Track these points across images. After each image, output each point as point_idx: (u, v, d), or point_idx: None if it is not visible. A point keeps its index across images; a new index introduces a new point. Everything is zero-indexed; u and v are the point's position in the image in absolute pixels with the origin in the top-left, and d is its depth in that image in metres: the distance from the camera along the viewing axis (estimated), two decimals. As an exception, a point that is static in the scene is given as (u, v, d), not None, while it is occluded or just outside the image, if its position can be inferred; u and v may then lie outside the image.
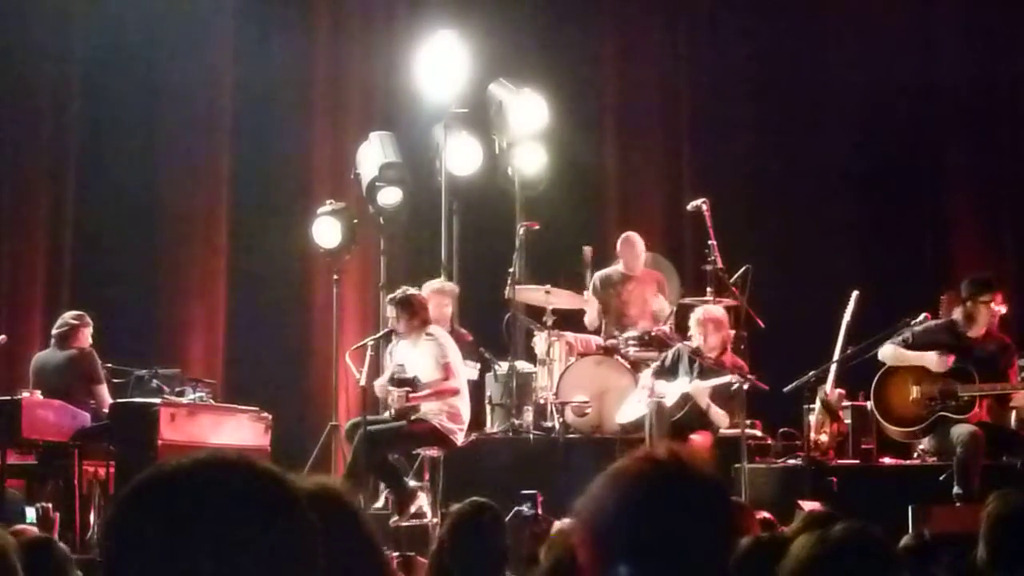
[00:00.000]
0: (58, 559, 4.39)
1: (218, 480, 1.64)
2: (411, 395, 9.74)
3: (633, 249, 11.41)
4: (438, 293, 10.70)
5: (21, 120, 12.95)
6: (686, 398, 9.89)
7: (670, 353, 10.25)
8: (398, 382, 9.83)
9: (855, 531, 2.90)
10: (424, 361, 9.84)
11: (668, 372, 10.13)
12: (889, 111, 12.87)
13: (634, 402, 10.17)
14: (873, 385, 9.61)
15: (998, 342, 9.39)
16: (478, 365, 10.94)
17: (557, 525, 7.63)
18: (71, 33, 13.05)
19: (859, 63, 13.02)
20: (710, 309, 10.28)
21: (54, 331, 10.57)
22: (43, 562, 4.30)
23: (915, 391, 9.37)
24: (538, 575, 3.67)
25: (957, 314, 9.41)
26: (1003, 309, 9.45)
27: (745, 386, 9.72)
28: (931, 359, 9.31)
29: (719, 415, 9.88)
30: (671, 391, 9.96)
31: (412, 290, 10.00)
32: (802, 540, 2.94)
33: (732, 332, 10.30)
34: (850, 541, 2.86)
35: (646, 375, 10.24)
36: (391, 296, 10.10)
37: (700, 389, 9.82)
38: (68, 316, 10.69)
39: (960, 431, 9.07)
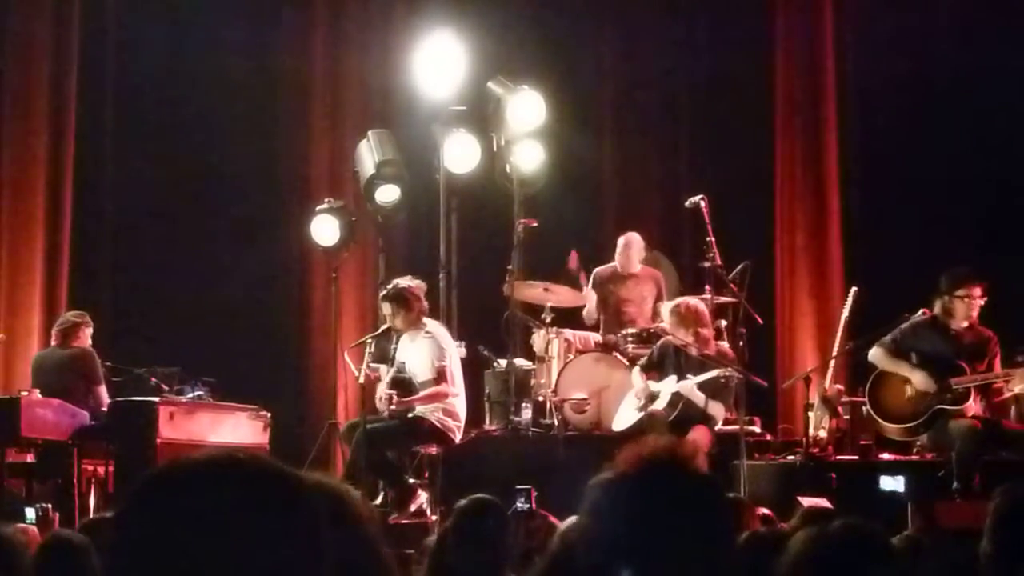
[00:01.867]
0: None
1: (226, 477, 1.64)
2: (397, 399, 9.73)
3: (629, 252, 11.42)
4: None
5: (20, 119, 12.94)
6: (677, 396, 9.88)
7: (656, 348, 10.24)
8: (393, 383, 9.84)
9: (853, 527, 2.90)
10: (420, 360, 9.83)
11: (656, 367, 10.12)
12: (889, 104, 12.86)
13: (629, 406, 10.15)
14: (867, 388, 9.62)
15: (981, 335, 9.40)
16: (462, 343, 10.92)
17: (555, 525, 7.65)
18: (68, 34, 13.04)
19: (858, 57, 13.01)
20: (674, 302, 10.30)
21: (55, 329, 10.58)
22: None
23: (910, 389, 9.38)
24: (534, 573, 3.66)
25: (937, 308, 9.43)
26: (982, 302, 9.42)
27: (730, 373, 9.71)
28: (918, 379, 9.30)
29: (716, 407, 9.88)
30: (663, 391, 9.94)
31: (403, 283, 9.97)
32: (800, 536, 2.94)
33: (710, 323, 10.27)
34: (848, 537, 2.86)
35: (636, 373, 10.22)
36: (383, 293, 10.06)
37: (688, 388, 9.81)
38: (69, 315, 10.70)
39: (958, 426, 9.08)
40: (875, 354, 9.52)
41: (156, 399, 10.17)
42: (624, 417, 10.13)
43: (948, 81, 12.74)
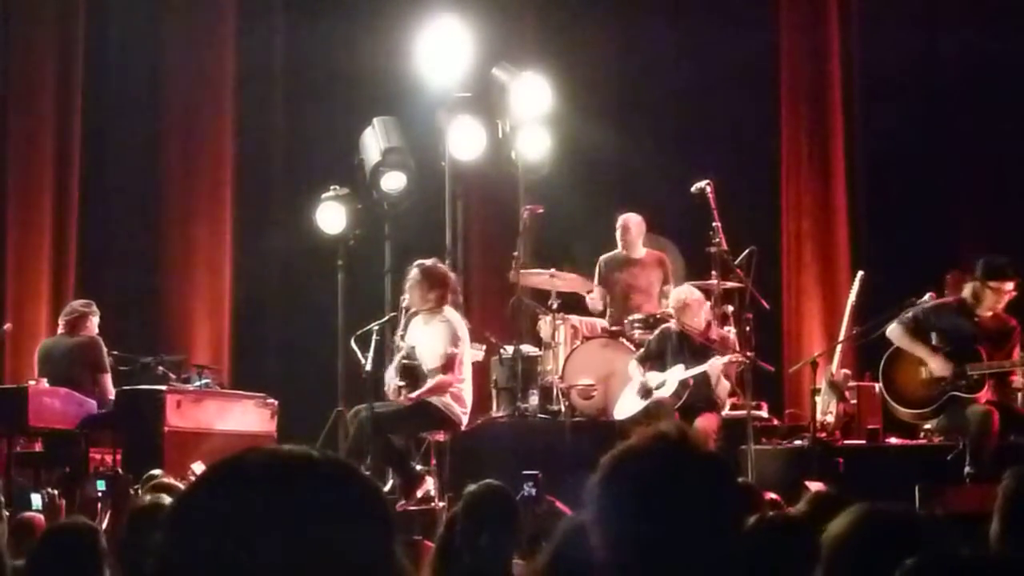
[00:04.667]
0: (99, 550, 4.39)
1: (305, 474, 1.60)
2: (408, 395, 9.71)
3: (628, 232, 11.41)
4: None
5: (26, 112, 12.96)
6: (684, 384, 9.86)
7: (653, 339, 10.22)
8: (403, 369, 9.82)
9: (909, 511, 2.89)
10: (432, 344, 9.80)
11: (655, 358, 10.09)
12: (895, 89, 12.84)
13: (631, 395, 10.13)
14: (881, 366, 9.57)
15: (1006, 323, 9.38)
16: (483, 347, 10.94)
17: (562, 510, 7.66)
18: (74, 20, 13.05)
19: (862, 41, 12.99)
20: (682, 290, 10.30)
21: (62, 318, 10.59)
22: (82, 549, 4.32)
23: (924, 371, 9.34)
24: (541, 558, 3.66)
25: (967, 291, 9.39)
26: (1012, 295, 9.40)
27: (739, 358, 9.73)
28: (936, 364, 9.26)
29: (723, 388, 9.88)
30: (668, 379, 9.92)
31: (439, 265, 9.96)
32: (845, 516, 2.93)
33: (709, 306, 10.29)
34: (891, 520, 2.86)
35: (632, 366, 10.19)
36: (416, 263, 10.00)
37: (715, 368, 9.77)
38: (77, 304, 10.70)
39: (975, 410, 9.05)
40: (894, 331, 9.44)
41: (163, 387, 10.19)
42: (627, 406, 10.11)
43: (955, 65, 12.71)
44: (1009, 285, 9.29)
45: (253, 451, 1.64)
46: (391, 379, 9.87)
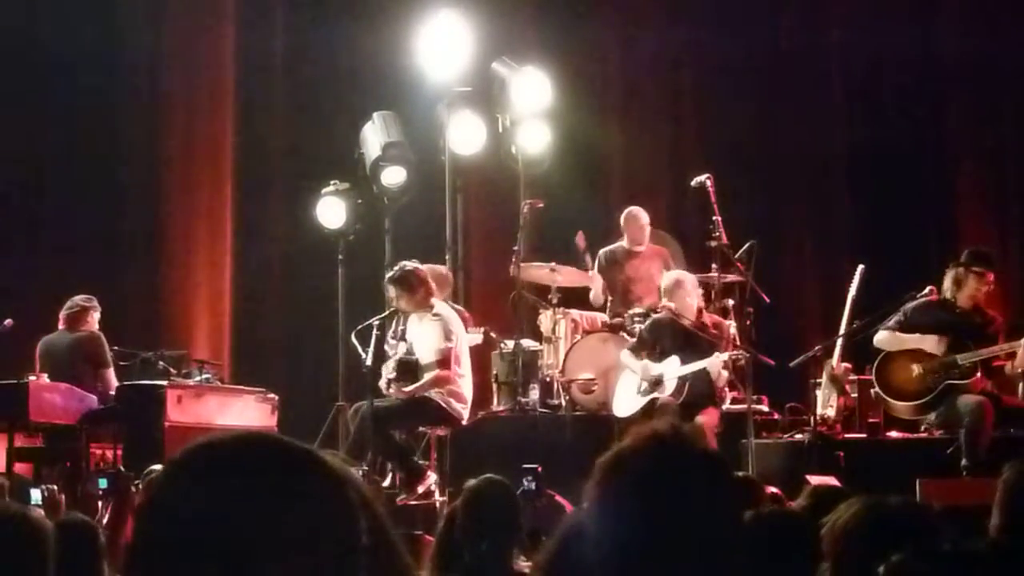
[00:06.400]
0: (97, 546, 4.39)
1: (256, 450, 1.63)
2: (404, 389, 9.72)
3: (637, 223, 11.40)
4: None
5: (28, 111, 12.95)
6: (683, 380, 9.86)
7: (646, 328, 10.20)
8: (400, 363, 9.83)
9: (911, 504, 2.89)
10: (427, 342, 9.83)
11: (649, 348, 10.08)
12: (891, 82, 12.84)
13: (629, 390, 10.12)
14: (874, 369, 9.65)
15: (986, 315, 9.51)
16: (481, 330, 10.93)
17: (562, 505, 7.66)
18: (77, 10, 13.04)
19: (860, 34, 12.98)
20: (673, 272, 10.29)
21: (63, 313, 10.57)
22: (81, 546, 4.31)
23: (916, 368, 9.43)
24: (543, 552, 3.66)
25: (947, 280, 9.47)
26: (991, 286, 9.50)
27: (728, 355, 9.74)
28: (929, 343, 9.37)
29: (724, 379, 9.90)
30: (666, 374, 9.90)
31: (410, 265, 9.97)
32: (847, 508, 2.92)
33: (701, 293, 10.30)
34: (906, 512, 2.86)
35: (625, 355, 10.17)
36: (388, 275, 10.08)
37: (715, 365, 9.77)
38: (78, 299, 10.68)
39: (968, 402, 9.09)
40: (881, 338, 9.55)
41: (164, 382, 10.19)
42: (627, 402, 10.09)
43: (955, 56, 12.70)
44: (991, 275, 9.42)
45: (216, 439, 1.65)
46: (385, 374, 9.89)
